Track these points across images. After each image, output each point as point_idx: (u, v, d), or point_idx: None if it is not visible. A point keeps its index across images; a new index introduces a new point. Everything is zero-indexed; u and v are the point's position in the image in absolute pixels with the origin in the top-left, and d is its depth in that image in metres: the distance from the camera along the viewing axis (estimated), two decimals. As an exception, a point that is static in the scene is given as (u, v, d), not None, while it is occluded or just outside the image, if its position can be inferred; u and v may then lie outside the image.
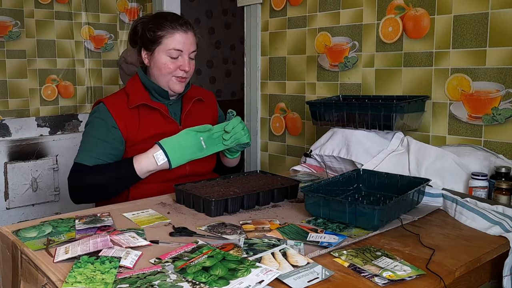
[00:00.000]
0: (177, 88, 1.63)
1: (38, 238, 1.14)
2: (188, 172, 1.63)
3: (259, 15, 2.51)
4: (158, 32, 1.58)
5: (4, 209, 3.04)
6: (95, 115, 1.61)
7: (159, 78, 1.62)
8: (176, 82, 1.62)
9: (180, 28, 1.59)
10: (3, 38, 3.07)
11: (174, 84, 1.62)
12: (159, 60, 1.60)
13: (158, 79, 1.62)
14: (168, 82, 1.62)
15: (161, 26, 1.59)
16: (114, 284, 0.88)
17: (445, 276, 0.96)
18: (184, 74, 1.61)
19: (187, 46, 1.60)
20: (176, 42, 1.58)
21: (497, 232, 1.21)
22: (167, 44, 1.58)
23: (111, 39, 3.54)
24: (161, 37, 1.58)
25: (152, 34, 1.59)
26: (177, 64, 1.60)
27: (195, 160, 1.57)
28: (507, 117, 1.62)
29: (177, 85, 1.63)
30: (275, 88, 2.48)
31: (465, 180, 1.48)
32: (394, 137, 1.71)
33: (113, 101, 1.62)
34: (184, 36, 1.59)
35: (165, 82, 1.62)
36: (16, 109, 3.17)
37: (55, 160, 3.23)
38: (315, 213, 1.30)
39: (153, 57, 1.61)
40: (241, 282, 0.88)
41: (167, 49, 1.58)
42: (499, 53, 1.62)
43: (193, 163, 1.60)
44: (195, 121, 1.67)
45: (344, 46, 2.12)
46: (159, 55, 1.59)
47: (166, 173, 1.57)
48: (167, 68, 1.59)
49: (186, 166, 1.61)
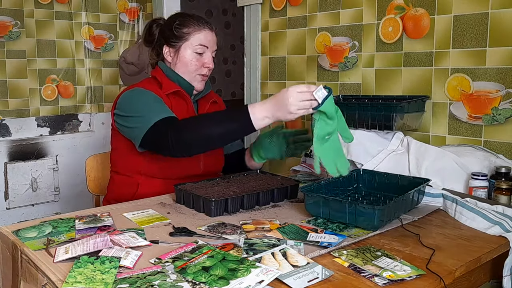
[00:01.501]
0: (199, 86, 1.66)
1: (38, 238, 1.14)
2: (202, 171, 1.65)
3: (259, 15, 2.51)
4: (184, 28, 1.62)
5: (4, 209, 3.04)
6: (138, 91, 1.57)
7: (184, 75, 1.64)
8: (200, 79, 1.65)
9: (206, 26, 1.64)
10: (3, 38, 3.07)
11: (197, 82, 1.65)
12: (185, 56, 1.62)
13: (183, 74, 1.64)
14: (192, 79, 1.64)
15: (188, 23, 1.63)
16: (114, 284, 0.88)
17: (445, 276, 0.96)
18: (208, 72, 1.65)
19: (212, 44, 1.65)
20: (203, 38, 1.62)
21: (497, 232, 1.21)
22: (194, 40, 1.62)
23: (111, 39, 3.54)
24: (188, 33, 1.62)
25: (178, 31, 1.62)
26: (202, 61, 1.63)
27: (208, 160, 1.64)
28: (507, 117, 1.61)
29: (199, 83, 1.66)
30: (275, 88, 2.48)
31: (465, 180, 1.48)
32: (394, 137, 1.71)
33: (148, 86, 1.61)
34: (209, 34, 1.64)
35: (189, 79, 1.64)
36: (16, 109, 3.17)
37: (55, 160, 3.23)
38: (315, 213, 1.30)
39: (178, 53, 1.63)
40: (241, 282, 0.88)
41: (194, 45, 1.62)
42: (499, 53, 1.62)
43: (207, 162, 1.65)
44: None
45: (344, 46, 2.12)
46: (185, 51, 1.62)
47: (179, 171, 1.58)
48: (193, 64, 1.62)
49: (200, 165, 1.65)
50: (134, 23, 3.62)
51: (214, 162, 1.72)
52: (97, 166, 2.01)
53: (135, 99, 1.56)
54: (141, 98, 1.56)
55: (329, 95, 1.26)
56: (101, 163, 2.01)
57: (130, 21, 3.61)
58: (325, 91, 1.26)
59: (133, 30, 3.62)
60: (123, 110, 1.57)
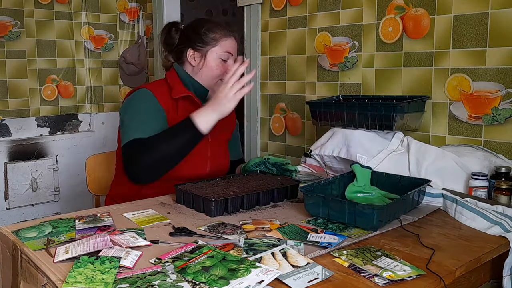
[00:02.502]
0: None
1: (38, 238, 1.14)
2: (208, 171, 1.67)
3: (259, 15, 2.51)
4: (212, 34, 1.65)
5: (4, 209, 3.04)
6: (140, 97, 1.61)
7: (207, 78, 1.66)
8: (219, 84, 1.64)
9: (232, 34, 1.69)
10: (3, 38, 3.07)
11: (218, 87, 1.63)
12: (211, 61, 1.65)
13: (205, 78, 1.67)
14: (214, 84, 1.67)
15: (216, 30, 1.66)
16: (114, 284, 0.88)
17: (445, 276, 0.96)
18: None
19: (235, 51, 1.69)
20: (230, 47, 1.67)
21: (497, 232, 1.21)
22: (222, 46, 1.65)
23: (111, 39, 3.54)
24: (217, 39, 1.65)
25: (207, 36, 1.65)
26: (225, 67, 1.66)
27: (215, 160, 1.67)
28: (507, 117, 1.61)
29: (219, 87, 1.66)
30: (275, 88, 2.48)
31: (465, 180, 1.48)
32: (394, 137, 1.71)
33: (158, 89, 1.63)
34: (234, 42, 1.69)
35: (211, 83, 1.67)
36: (16, 109, 3.17)
37: (55, 160, 3.23)
38: (314, 213, 1.30)
39: (205, 57, 1.65)
40: (241, 282, 0.88)
41: (222, 51, 1.65)
42: (499, 53, 1.62)
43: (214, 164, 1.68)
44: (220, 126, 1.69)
45: (344, 46, 2.12)
46: (212, 56, 1.65)
47: (184, 173, 1.59)
48: (219, 70, 1.65)
49: (207, 166, 1.66)
50: (134, 23, 3.62)
51: (220, 164, 1.74)
52: (97, 166, 2.01)
53: (132, 107, 1.60)
54: (138, 108, 1.59)
55: (366, 169, 1.47)
56: (101, 163, 2.01)
57: (130, 21, 3.61)
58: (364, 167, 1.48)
59: (133, 30, 3.62)
60: (121, 112, 1.62)
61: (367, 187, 1.44)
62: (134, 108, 1.60)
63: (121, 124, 1.60)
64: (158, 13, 3.31)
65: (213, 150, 1.70)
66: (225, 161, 1.79)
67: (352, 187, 1.43)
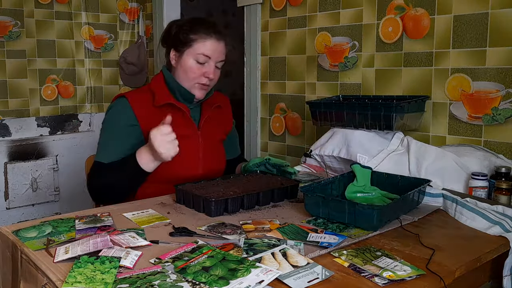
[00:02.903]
0: (198, 94, 1.64)
1: (38, 238, 1.14)
2: (202, 172, 1.65)
3: (259, 15, 2.51)
4: (191, 35, 1.59)
5: (4, 209, 3.04)
6: (114, 110, 1.61)
7: (183, 81, 1.62)
8: (198, 88, 1.63)
9: (214, 35, 1.60)
10: (3, 38, 3.07)
11: (195, 90, 1.63)
12: (186, 63, 1.60)
13: (182, 82, 1.63)
14: (191, 87, 1.63)
15: (195, 30, 1.60)
16: (114, 284, 0.88)
17: (445, 276, 0.96)
18: (208, 81, 1.62)
19: (216, 54, 1.61)
20: (207, 48, 1.59)
21: (497, 232, 1.21)
22: (197, 48, 1.59)
23: (111, 39, 3.54)
24: (193, 40, 1.59)
25: (185, 36, 1.60)
26: (203, 70, 1.60)
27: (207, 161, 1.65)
28: (507, 117, 1.61)
29: (198, 91, 1.64)
30: (275, 88, 2.48)
31: (465, 180, 1.48)
32: (394, 137, 1.71)
33: (137, 97, 1.62)
34: (215, 44, 1.60)
35: (188, 86, 1.63)
36: (16, 109, 3.17)
37: (55, 160, 3.23)
38: (314, 213, 1.30)
39: (181, 58, 1.61)
40: (241, 282, 0.88)
41: (196, 53, 1.59)
42: (499, 53, 1.62)
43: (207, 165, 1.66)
44: (213, 127, 1.70)
45: (344, 46, 2.12)
46: (187, 57, 1.60)
47: (178, 174, 1.58)
48: (193, 72, 1.60)
49: (199, 168, 1.64)
50: (134, 23, 3.62)
51: (213, 165, 1.71)
52: (97, 166, 2.00)
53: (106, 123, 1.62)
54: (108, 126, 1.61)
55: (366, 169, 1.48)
56: (101, 163, 2.01)
57: (130, 21, 3.61)
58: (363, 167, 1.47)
59: (133, 30, 3.62)
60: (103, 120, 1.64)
61: (367, 187, 1.44)
62: (105, 125, 1.61)
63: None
64: (158, 13, 3.31)
65: (205, 152, 1.67)
66: (220, 162, 1.77)
67: (352, 187, 1.43)
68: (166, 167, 1.54)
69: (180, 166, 1.59)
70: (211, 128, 1.69)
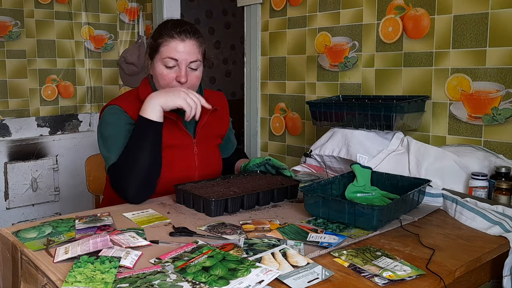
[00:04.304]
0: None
1: (38, 239, 1.14)
2: (197, 178, 1.61)
3: (259, 15, 2.51)
4: (158, 40, 1.52)
5: (4, 209, 3.04)
6: (110, 113, 1.53)
7: (159, 89, 1.54)
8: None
9: (177, 37, 1.50)
10: (3, 38, 3.07)
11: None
12: (157, 70, 1.52)
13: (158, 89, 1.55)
14: None
15: (160, 34, 1.52)
16: (114, 284, 0.88)
17: (445, 276, 0.96)
18: (181, 86, 1.51)
19: (184, 56, 1.50)
20: (171, 51, 1.49)
21: (497, 232, 1.21)
22: (162, 52, 1.50)
23: (111, 39, 3.54)
24: (159, 44, 1.51)
25: (152, 42, 1.54)
26: (173, 75, 1.51)
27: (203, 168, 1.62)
28: (507, 117, 1.61)
29: None
30: (275, 88, 2.48)
31: (465, 180, 1.48)
32: (394, 137, 1.71)
33: (126, 102, 1.55)
34: (180, 45, 1.50)
35: None
36: (16, 109, 3.17)
37: (55, 160, 3.23)
38: (314, 213, 1.30)
39: (153, 66, 1.54)
40: (241, 282, 0.88)
41: (163, 58, 1.50)
42: (499, 53, 1.62)
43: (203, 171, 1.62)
44: (209, 133, 1.65)
45: (344, 46, 2.12)
46: (157, 64, 1.52)
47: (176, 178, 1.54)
48: (163, 79, 1.51)
49: (196, 171, 1.61)
50: (134, 23, 3.62)
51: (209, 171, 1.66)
52: (97, 166, 2.01)
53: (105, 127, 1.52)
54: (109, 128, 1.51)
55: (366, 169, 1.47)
56: (101, 163, 2.00)
57: (130, 21, 3.61)
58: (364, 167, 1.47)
59: (133, 30, 3.62)
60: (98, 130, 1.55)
61: (367, 187, 1.44)
62: (105, 128, 1.52)
63: (99, 146, 1.53)
64: (158, 13, 3.32)
65: (201, 159, 1.62)
66: (216, 165, 1.71)
67: (352, 187, 1.43)
68: (162, 177, 1.50)
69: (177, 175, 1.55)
70: (207, 134, 1.63)
